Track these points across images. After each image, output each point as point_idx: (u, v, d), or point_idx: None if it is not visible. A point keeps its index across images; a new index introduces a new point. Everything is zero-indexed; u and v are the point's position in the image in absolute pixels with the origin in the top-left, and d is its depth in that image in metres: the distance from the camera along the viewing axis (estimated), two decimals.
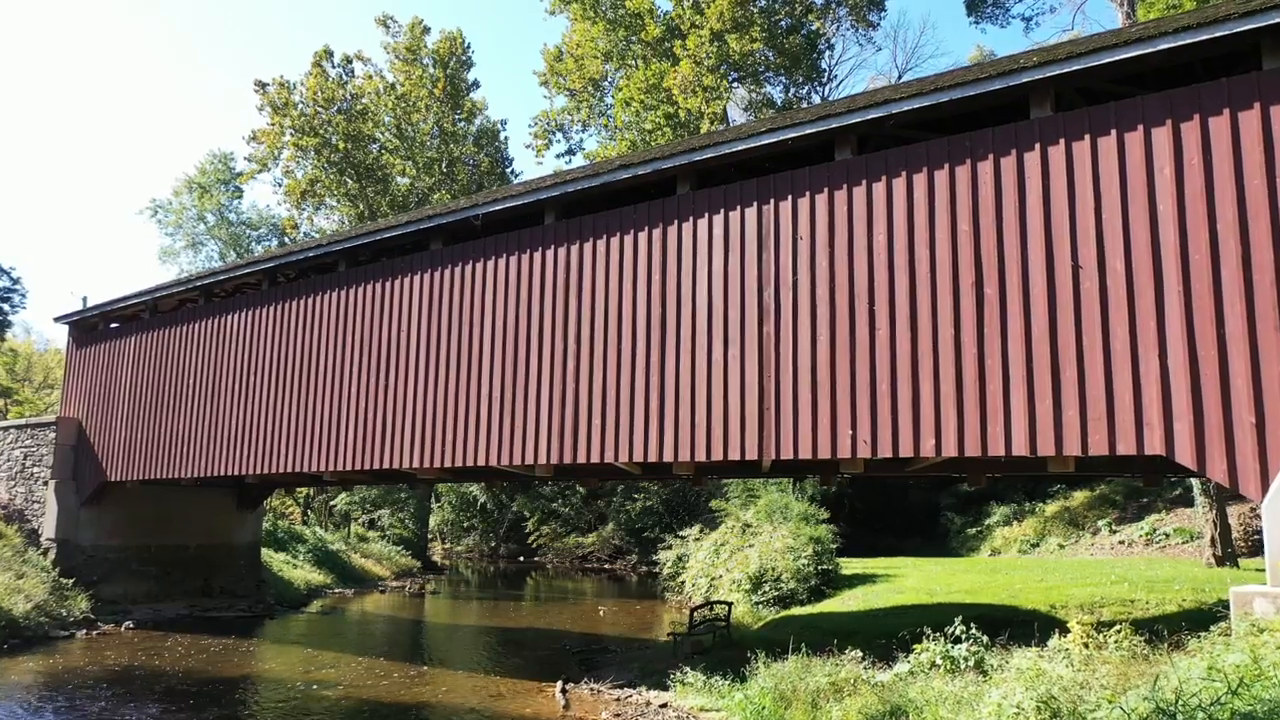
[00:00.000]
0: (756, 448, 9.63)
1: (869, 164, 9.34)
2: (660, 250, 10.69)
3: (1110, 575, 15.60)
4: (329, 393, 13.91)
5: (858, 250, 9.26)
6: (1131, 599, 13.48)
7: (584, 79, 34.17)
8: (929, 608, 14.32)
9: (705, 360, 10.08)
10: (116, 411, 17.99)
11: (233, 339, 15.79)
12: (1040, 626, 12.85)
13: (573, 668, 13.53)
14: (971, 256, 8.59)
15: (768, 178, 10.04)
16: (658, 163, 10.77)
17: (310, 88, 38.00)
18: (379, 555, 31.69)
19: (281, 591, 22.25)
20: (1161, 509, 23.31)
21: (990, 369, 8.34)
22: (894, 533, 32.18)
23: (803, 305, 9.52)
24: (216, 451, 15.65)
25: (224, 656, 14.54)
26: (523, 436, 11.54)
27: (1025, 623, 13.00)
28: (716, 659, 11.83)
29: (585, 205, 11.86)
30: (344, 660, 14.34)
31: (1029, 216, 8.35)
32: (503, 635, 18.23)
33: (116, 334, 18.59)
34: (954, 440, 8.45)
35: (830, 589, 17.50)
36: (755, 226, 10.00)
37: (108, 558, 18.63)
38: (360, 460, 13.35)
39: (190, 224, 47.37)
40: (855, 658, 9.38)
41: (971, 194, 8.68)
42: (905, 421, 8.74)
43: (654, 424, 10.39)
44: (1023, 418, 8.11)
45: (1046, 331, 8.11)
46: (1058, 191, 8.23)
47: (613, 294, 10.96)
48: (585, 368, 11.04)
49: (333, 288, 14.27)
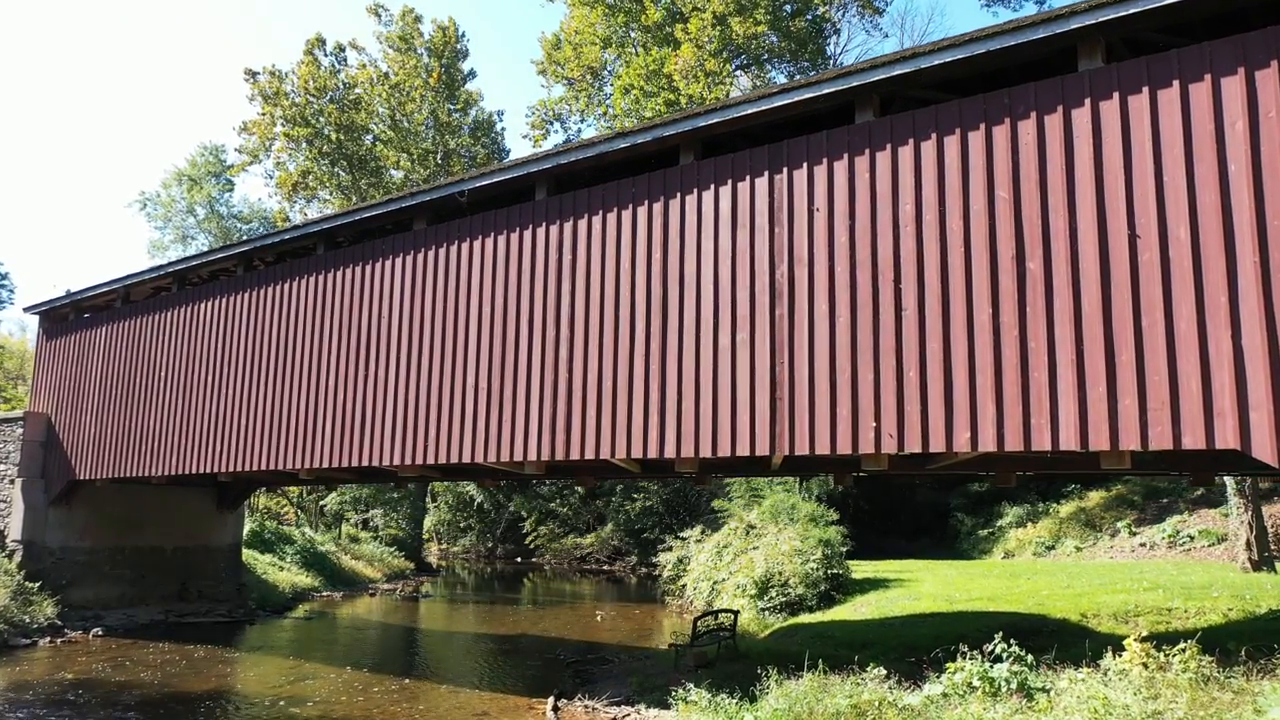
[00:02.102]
0: (768, 442, 8.67)
1: (894, 126, 8.38)
2: (661, 226, 9.73)
3: (1141, 581, 14.66)
4: (306, 385, 12.96)
5: (882, 222, 8.30)
6: (1168, 607, 12.54)
7: (582, 67, 33.22)
8: (949, 616, 13.37)
9: (711, 346, 9.12)
10: (86, 406, 17.03)
11: (206, 329, 14.84)
12: (1073, 637, 11.93)
13: (566, 680, 12.59)
14: (1011, 227, 7.63)
15: (780, 144, 9.07)
16: (659, 130, 9.82)
17: (302, 76, 37.07)
18: (370, 557, 30.72)
19: (265, 595, 21.28)
20: (1184, 510, 22.36)
21: (1034, 353, 7.38)
22: (901, 534, 31.25)
23: (820, 284, 8.56)
24: (188, 448, 14.69)
25: (196, 667, 13.59)
26: (511, 431, 10.58)
27: (1055, 633, 12.04)
28: (722, 673, 10.87)
29: (579, 179, 10.91)
30: (322, 672, 13.38)
31: (1078, 181, 7.39)
32: (495, 643, 17.28)
33: (88, 324, 17.62)
34: (992, 433, 7.50)
35: (840, 595, 16.57)
36: (767, 198, 9.03)
37: (77, 560, 17.65)
38: (338, 457, 12.40)
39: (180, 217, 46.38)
40: (879, 676, 8.42)
41: (1011, 157, 7.72)
42: (936, 413, 7.78)
43: (654, 417, 9.43)
44: (1072, 408, 7.15)
45: (1099, 310, 7.15)
46: (1111, 152, 7.27)
47: (609, 274, 10.00)
48: (579, 355, 10.09)
49: (310, 273, 13.31)
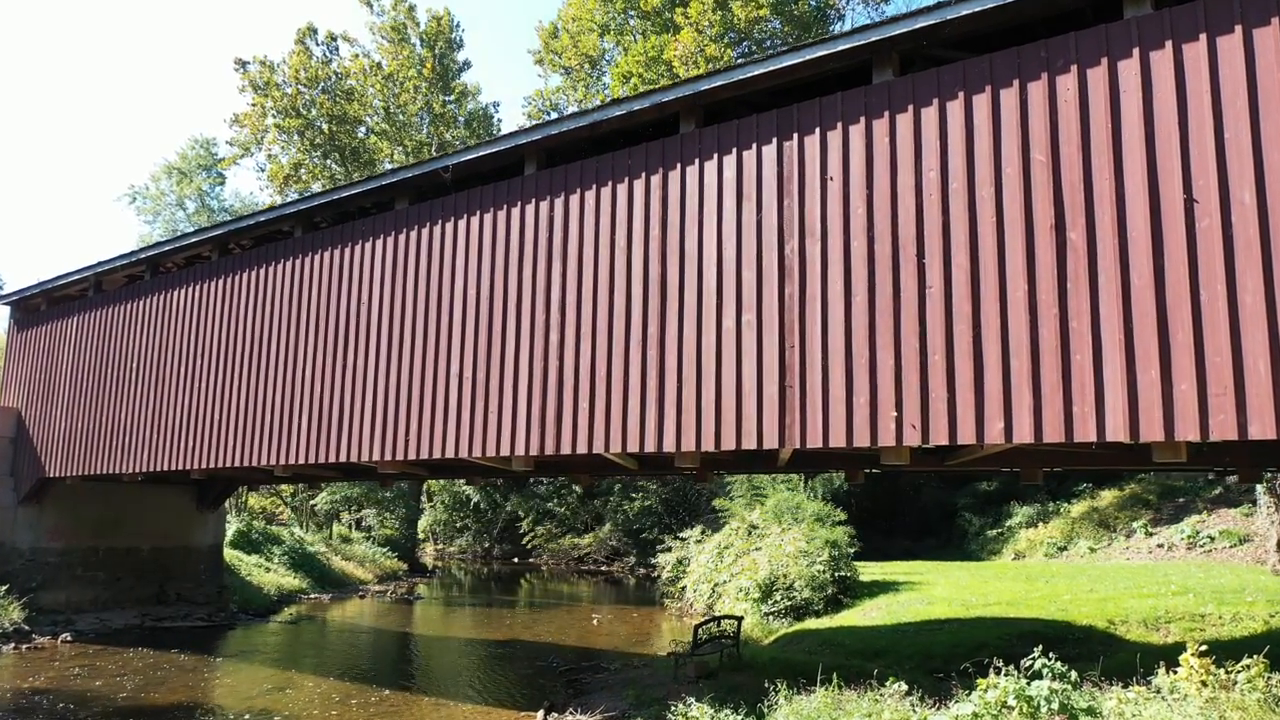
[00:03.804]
0: (777, 434, 7.88)
1: (917, 85, 7.59)
2: (660, 200, 8.93)
3: (1167, 584, 13.86)
4: (282, 376, 12.16)
5: (903, 191, 7.50)
6: (1200, 613, 11.74)
7: (580, 55, 32.44)
8: (966, 622, 12.58)
9: (714, 329, 8.33)
10: (58, 400, 16.23)
11: (179, 319, 14.04)
12: (1101, 646, 11.13)
13: (559, 691, 11.81)
14: (1049, 193, 6.84)
15: (790, 109, 8.28)
16: (658, 96, 9.03)
17: (293, 67, 36.33)
18: (362, 557, 29.90)
19: (248, 598, 20.48)
20: (1202, 510, 21.55)
21: (1076, 334, 6.59)
22: (906, 534, 30.41)
23: (834, 260, 7.77)
24: (159, 444, 13.89)
25: (165, 676, 12.80)
26: (498, 424, 9.79)
27: (1081, 641, 11.25)
28: (725, 685, 10.09)
29: (572, 152, 10.12)
30: (300, 682, 12.60)
31: (1125, 140, 6.60)
32: (486, 649, 16.48)
33: (59, 315, 16.82)
34: (1029, 423, 6.71)
35: (848, 598, 15.77)
36: (775, 167, 8.24)
37: (49, 561, 16.84)
38: (315, 453, 11.61)
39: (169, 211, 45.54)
40: (898, 692, 7.64)
41: (1049, 115, 6.93)
42: (965, 401, 6.99)
43: (652, 407, 8.64)
44: (1120, 394, 6.36)
45: (1150, 284, 6.36)
46: (1164, 107, 6.48)
47: (604, 253, 9.21)
48: (571, 341, 9.30)
49: (287, 257, 12.51)
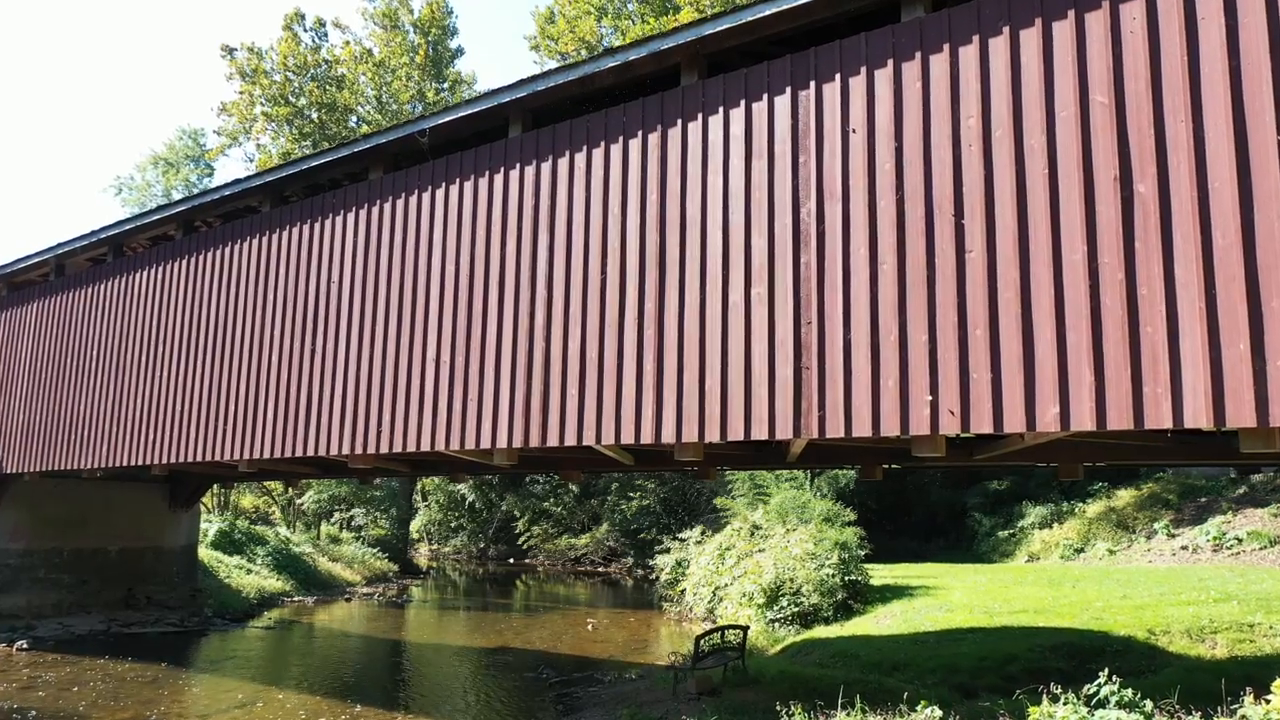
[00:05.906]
0: (791, 423, 6.89)
1: (953, 21, 6.60)
2: (659, 161, 7.95)
3: (1206, 590, 12.87)
4: (246, 364, 11.18)
5: (938, 143, 6.52)
6: (1249, 622, 10.76)
7: (577, 40, 31.47)
8: (990, 631, 11.59)
9: (719, 304, 7.34)
10: (15, 392, 15.24)
11: (141, 303, 13.04)
12: (1143, 659, 10.13)
13: (548, 708, 10.83)
14: (1112, 141, 5.86)
15: (805, 53, 7.29)
16: (656, 44, 8.03)
17: (282, 54, 35.31)
18: (350, 558, 28.89)
19: (225, 601, 19.47)
20: (1226, 509, 20.57)
21: (1146, 303, 5.61)
22: (913, 535, 29.45)
23: (857, 224, 6.78)
24: (118, 438, 12.90)
25: (121, 690, 11.81)
26: (478, 414, 8.80)
27: (1120, 654, 10.20)
28: (730, 703, 9.11)
29: (560, 111, 9.14)
30: (271, 697, 11.61)
31: (1204, 77, 5.61)
32: (474, 658, 15.50)
33: (18, 301, 15.82)
34: (1089, 407, 5.72)
35: (860, 604, 14.79)
36: (789, 119, 7.25)
37: (8, 564, 15.85)
38: (281, 447, 10.63)
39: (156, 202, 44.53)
40: (932, 718, 6.65)
41: (1111, 50, 5.94)
42: (1013, 382, 6.01)
43: (649, 394, 7.65)
44: (1200, 372, 5.38)
45: (1237, 244, 5.37)
46: (1252, 35, 5.50)
47: (595, 221, 8.23)
48: (559, 320, 8.31)
49: (254, 234, 11.53)
